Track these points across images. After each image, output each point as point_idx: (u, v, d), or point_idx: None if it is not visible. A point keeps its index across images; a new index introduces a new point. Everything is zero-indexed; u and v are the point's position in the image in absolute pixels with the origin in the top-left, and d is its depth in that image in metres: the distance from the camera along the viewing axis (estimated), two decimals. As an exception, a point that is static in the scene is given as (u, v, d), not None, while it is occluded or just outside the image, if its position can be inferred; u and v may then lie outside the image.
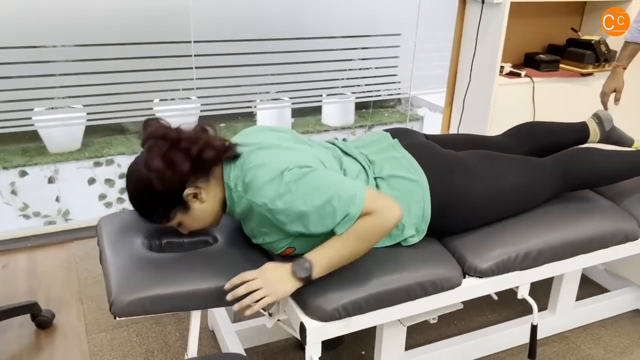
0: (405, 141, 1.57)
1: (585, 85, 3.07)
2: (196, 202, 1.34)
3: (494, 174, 1.54)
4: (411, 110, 4.88)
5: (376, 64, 3.01)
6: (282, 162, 1.27)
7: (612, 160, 1.72)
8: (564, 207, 1.67)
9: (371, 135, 1.62)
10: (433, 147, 1.57)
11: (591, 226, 1.60)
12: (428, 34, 2.97)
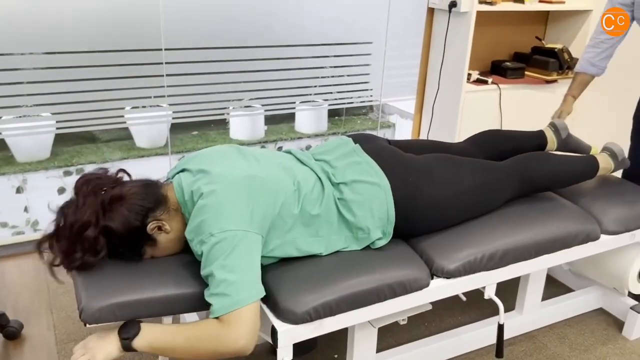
0: (367, 146, 1.60)
1: (550, 92, 3.17)
2: (162, 234, 1.36)
3: (454, 176, 1.59)
4: (383, 117, 4.94)
5: (348, 72, 3.06)
6: (220, 218, 1.26)
7: (565, 164, 1.83)
8: (528, 208, 1.72)
9: (333, 141, 1.65)
10: (394, 151, 1.61)
11: (554, 227, 1.65)
12: (398, 42, 3.03)
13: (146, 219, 1.33)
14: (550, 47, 3.15)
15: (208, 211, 1.27)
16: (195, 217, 1.29)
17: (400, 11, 2.96)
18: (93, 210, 1.28)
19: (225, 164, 1.38)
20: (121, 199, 1.31)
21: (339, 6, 2.83)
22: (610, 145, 1.98)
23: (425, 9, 2.99)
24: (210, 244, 1.24)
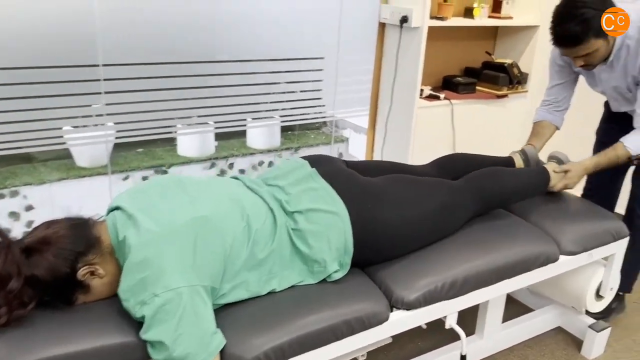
0: (323, 170, 1.51)
1: (501, 107, 3.17)
2: (95, 279, 1.23)
3: (412, 199, 1.52)
4: (336, 132, 4.88)
5: (301, 87, 2.97)
6: (162, 274, 1.13)
7: (519, 179, 1.81)
8: (487, 230, 1.67)
9: (289, 163, 1.55)
10: (351, 176, 1.52)
11: (514, 250, 1.60)
12: (350, 58, 2.97)
13: (76, 264, 1.19)
14: (500, 62, 3.17)
15: (148, 267, 1.13)
16: (131, 274, 1.15)
17: (351, 26, 2.90)
18: (13, 259, 1.13)
19: (163, 206, 1.25)
20: (47, 244, 1.17)
21: (290, 22, 2.75)
22: (556, 154, 1.97)
23: (376, 24, 2.94)
24: (155, 307, 1.11)
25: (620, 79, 1.88)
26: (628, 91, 1.91)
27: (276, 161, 4.79)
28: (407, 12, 2.69)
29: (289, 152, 4.83)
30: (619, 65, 1.84)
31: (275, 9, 2.65)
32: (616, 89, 1.94)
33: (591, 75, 1.99)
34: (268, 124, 3.38)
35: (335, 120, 3.40)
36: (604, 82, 1.96)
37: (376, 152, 3.14)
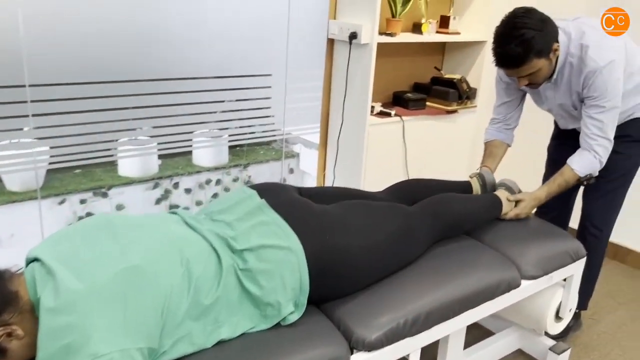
0: (274, 201, 1.39)
1: (451, 122, 3.16)
2: (13, 341, 1.06)
3: (370, 225, 1.44)
4: (287, 147, 4.78)
5: (249, 105, 2.85)
6: (89, 340, 0.99)
7: (472, 205, 1.80)
8: (446, 259, 1.60)
9: (235, 194, 1.42)
10: (305, 205, 1.42)
11: (476, 278, 1.54)
12: (300, 74, 2.87)
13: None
14: (449, 77, 3.15)
15: (71, 332, 0.98)
16: (51, 340, 0.99)
17: (299, 42, 2.81)
18: None
19: (88, 255, 1.10)
20: None
21: (237, 38, 2.63)
22: (505, 182, 1.97)
23: (325, 40, 2.87)
24: None
25: (565, 97, 1.88)
26: (573, 109, 1.91)
27: (224, 179, 4.64)
28: (356, 29, 2.63)
29: (237, 169, 4.68)
30: (562, 82, 1.84)
31: (221, 24, 2.53)
32: (562, 106, 1.94)
33: (537, 93, 1.99)
34: (214, 144, 3.22)
35: (285, 136, 3.31)
36: (549, 99, 1.95)
37: (328, 170, 3.05)
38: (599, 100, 1.76)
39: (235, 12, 2.54)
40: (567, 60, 1.79)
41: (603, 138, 1.79)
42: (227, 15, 2.55)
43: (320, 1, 2.81)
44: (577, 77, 1.80)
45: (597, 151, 1.80)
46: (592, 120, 1.79)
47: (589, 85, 1.77)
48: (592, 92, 1.76)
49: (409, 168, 3.05)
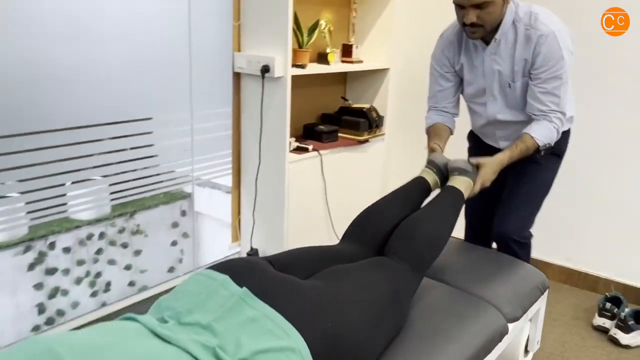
0: (254, 285, 1.11)
1: (363, 152, 3.08)
2: None
3: (367, 296, 1.25)
4: (175, 187, 4.38)
5: (130, 155, 2.44)
6: None
7: (436, 216, 1.63)
8: (435, 316, 1.44)
9: (201, 283, 1.12)
10: (293, 286, 1.16)
11: (471, 336, 1.41)
12: (202, 113, 2.58)
13: None
14: (358, 106, 3.08)
15: None
16: None
17: (201, 79, 2.53)
18: None
19: None
20: None
21: (131, 79, 2.28)
22: (456, 166, 1.80)
23: (231, 75, 2.63)
24: None
25: (505, 64, 1.80)
26: (511, 81, 1.82)
27: (109, 231, 4.11)
28: (268, 61, 2.44)
29: (123, 219, 4.18)
30: (505, 48, 1.77)
31: (112, 65, 2.18)
32: (499, 79, 1.84)
33: (473, 67, 1.89)
34: (92, 195, 2.76)
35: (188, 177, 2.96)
36: (486, 73, 1.86)
37: (245, 214, 2.79)
38: (554, 70, 1.70)
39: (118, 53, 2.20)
40: (514, 23, 1.74)
41: (560, 112, 1.76)
42: (119, 54, 2.21)
43: (222, 34, 2.57)
44: (525, 45, 1.73)
45: (555, 122, 1.77)
46: (549, 96, 1.73)
47: (542, 53, 1.70)
48: (547, 60, 1.70)
49: (329, 202, 2.90)
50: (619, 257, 2.64)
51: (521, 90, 1.82)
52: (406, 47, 3.11)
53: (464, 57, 1.90)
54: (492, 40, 1.78)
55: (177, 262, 3.59)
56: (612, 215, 2.63)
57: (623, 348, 2.27)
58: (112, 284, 2.70)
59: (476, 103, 1.99)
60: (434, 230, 1.53)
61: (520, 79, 1.80)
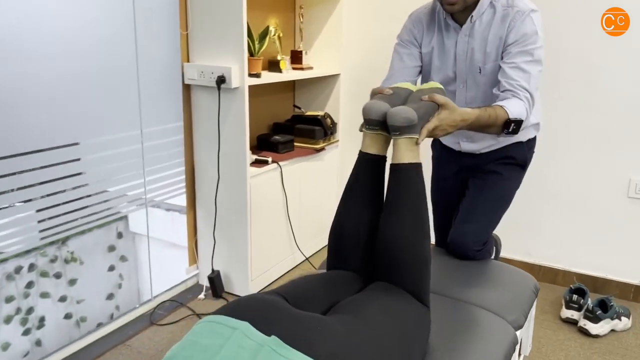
0: (282, 330, 0.96)
1: (319, 160, 3.00)
2: None
3: (396, 322, 1.15)
4: (109, 209, 4.07)
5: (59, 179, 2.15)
6: None
7: (412, 219, 1.31)
8: (451, 334, 1.37)
9: (214, 333, 0.95)
10: (325, 327, 1.02)
11: (490, 353, 1.35)
12: (149, 130, 2.38)
13: None
14: (312, 114, 3.00)
15: None
16: None
17: (149, 93, 2.33)
18: None
19: None
20: None
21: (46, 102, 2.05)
22: (393, 120, 1.32)
23: (180, 87, 2.45)
24: None
25: (477, 47, 1.69)
26: (482, 66, 1.71)
27: (39, 262, 3.74)
28: (224, 72, 2.29)
29: (54, 247, 3.82)
30: (480, 29, 1.68)
31: (53, 84, 1.94)
32: (472, 63, 1.72)
33: (444, 50, 1.77)
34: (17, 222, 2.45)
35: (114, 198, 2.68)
36: (459, 54, 1.73)
37: (204, 234, 2.62)
38: (526, 45, 1.60)
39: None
40: (492, 3, 1.65)
41: (529, 93, 1.59)
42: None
43: (169, 45, 2.39)
44: (501, 24, 1.64)
45: (527, 100, 1.59)
46: (517, 71, 1.59)
47: (516, 27, 1.60)
48: (520, 34, 1.60)
49: (290, 215, 2.79)
50: (574, 249, 2.73)
51: (491, 77, 1.70)
52: (356, 51, 3.06)
53: (435, 39, 1.78)
54: (468, 20, 1.68)
55: (116, 287, 3.33)
56: (564, 209, 2.71)
57: (594, 338, 2.34)
58: (46, 319, 2.46)
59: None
60: (414, 256, 1.29)
61: (492, 64, 1.69)
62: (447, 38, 1.75)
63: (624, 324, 2.40)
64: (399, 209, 1.30)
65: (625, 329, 2.40)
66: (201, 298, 2.57)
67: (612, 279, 2.68)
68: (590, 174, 2.63)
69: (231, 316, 0.98)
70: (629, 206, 2.59)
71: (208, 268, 2.61)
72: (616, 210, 2.61)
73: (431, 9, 1.80)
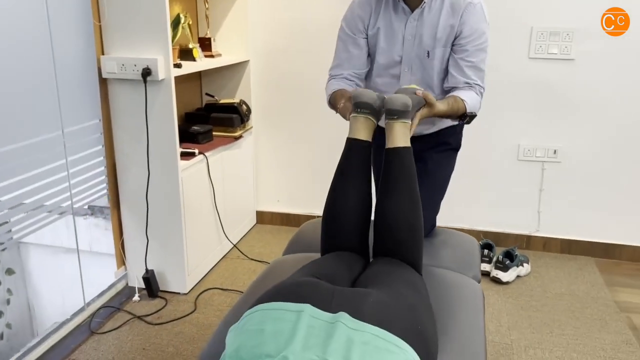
0: (345, 306, 1.02)
1: (238, 148, 3.01)
2: None
3: (418, 292, 1.27)
4: None
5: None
6: None
7: (405, 198, 1.45)
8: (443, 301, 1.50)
9: (278, 319, 0.98)
10: (375, 298, 1.09)
11: (474, 310, 1.51)
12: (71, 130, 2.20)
13: None
14: (227, 102, 2.98)
15: None
16: None
17: (65, 90, 2.16)
18: None
19: None
20: None
21: None
22: (392, 105, 1.48)
23: (97, 81, 2.30)
24: None
25: (427, 33, 1.74)
26: (430, 50, 1.75)
27: None
28: (149, 63, 2.20)
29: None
30: (429, 15, 1.73)
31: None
32: (420, 47, 1.76)
33: (391, 32, 1.78)
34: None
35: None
36: (406, 37, 1.76)
37: (133, 234, 2.50)
38: (480, 42, 1.71)
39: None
40: None
41: (483, 88, 1.76)
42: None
43: (82, 36, 2.22)
44: (452, 12, 1.70)
45: (481, 94, 1.75)
46: (475, 70, 1.73)
47: (469, 22, 1.69)
48: (474, 30, 1.70)
49: (218, 205, 2.78)
50: (475, 209, 3.07)
51: (439, 62, 1.76)
52: (263, 36, 3.07)
53: (382, 20, 1.77)
54: (420, 5, 1.72)
55: (3, 303, 3.07)
56: (463, 173, 2.95)
57: (505, 285, 2.68)
58: None
59: (387, 75, 1.84)
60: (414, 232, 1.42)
61: (441, 49, 1.74)
62: (395, 20, 1.76)
63: (526, 269, 2.78)
64: (397, 189, 1.43)
65: (527, 274, 2.79)
66: (136, 300, 2.48)
67: (510, 232, 3.07)
68: (486, 141, 2.96)
69: (288, 301, 1.02)
70: (519, 167, 2.97)
71: (138, 269, 2.51)
72: (508, 171, 2.99)
73: None
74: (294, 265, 1.51)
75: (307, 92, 3.08)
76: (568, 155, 2.90)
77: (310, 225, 2.08)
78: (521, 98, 2.87)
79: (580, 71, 2.76)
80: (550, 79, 2.81)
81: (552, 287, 2.66)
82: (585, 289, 2.64)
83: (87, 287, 2.38)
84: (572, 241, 3.00)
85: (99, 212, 3.01)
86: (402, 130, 1.47)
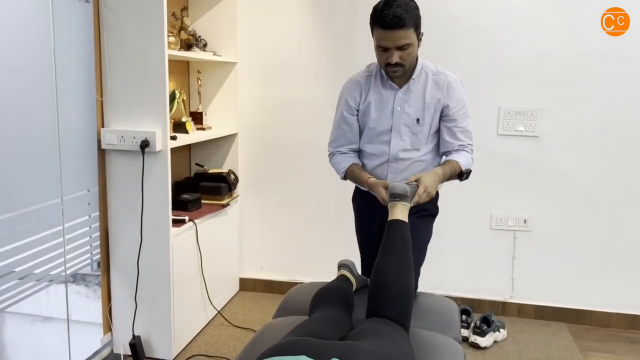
0: (333, 355, 1.15)
1: (224, 215, 3.12)
2: None
3: (402, 348, 1.37)
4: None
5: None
6: None
7: (396, 256, 1.67)
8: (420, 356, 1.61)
9: None
10: (364, 349, 1.21)
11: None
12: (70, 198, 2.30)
13: None
14: (216, 172, 3.12)
15: None
16: None
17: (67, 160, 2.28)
18: None
19: None
20: None
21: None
22: (394, 190, 1.81)
23: (96, 153, 2.43)
24: None
25: (415, 104, 1.98)
26: (420, 118, 1.97)
27: None
28: (148, 136, 2.35)
29: None
30: (416, 89, 1.98)
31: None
32: (408, 115, 1.98)
33: (382, 104, 2.00)
34: None
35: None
36: (395, 109, 1.98)
37: (123, 299, 2.54)
38: (465, 110, 2.01)
39: None
40: (423, 69, 1.97)
41: (471, 144, 2.06)
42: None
43: (85, 111, 2.37)
44: (436, 88, 1.97)
45: (472, 151, 2.05)
46: (466, 133, 2.03)
47: (455, 97, 1.97)
48: (459, 102, 1.98)
49: (204, 272, 2.85)
50: (452, 276, 3.19)
51: (428, 127, 1.99)
52: (251, 111, 3.27)
53: (372, 94, 2.00)
54: (408, 81, 1.97)
55: None
56: (440, 242, 3.07)
57: (483, 349, 2.77)
58: None
59: (379, 142, 2.04)
60: (403, 279, 1.61)
61: (430, 115, 1.98)
62: (384, 94, 2.01)
63: (502, 335, 2.89)
64: (395, 253, 1.66)
65: (503, 339, 2.89)
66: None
67: (485, 299, 3.19)
68: (461, 210, 3.13)
69: (285, 355, 1.12)
70: (492, 236, 3.14)
71: (125, 335, 2.53)
72: (483, 240, 3.15)
73: (367, 74, 2.05)
74: (285, 327, 1.62)
75: (292, 164, 3.26)
76: (537, 224, 3.09)
77: (297, 289, 2.18)
78: (492, 171, 3.08)
79: (544, 147, 3.01)
80: (518, 153, 3.05)
81: (527, 352, 2.76)
82: (560, 354, 2.75)
83: (63, 357, 2.37)
84: (545, 307, 3.13)
85: (80, 279, 3.04)
86: (402, 210, 1.78)
